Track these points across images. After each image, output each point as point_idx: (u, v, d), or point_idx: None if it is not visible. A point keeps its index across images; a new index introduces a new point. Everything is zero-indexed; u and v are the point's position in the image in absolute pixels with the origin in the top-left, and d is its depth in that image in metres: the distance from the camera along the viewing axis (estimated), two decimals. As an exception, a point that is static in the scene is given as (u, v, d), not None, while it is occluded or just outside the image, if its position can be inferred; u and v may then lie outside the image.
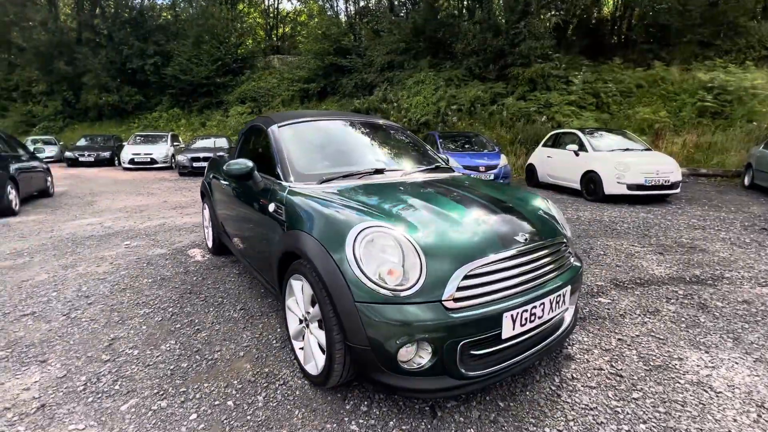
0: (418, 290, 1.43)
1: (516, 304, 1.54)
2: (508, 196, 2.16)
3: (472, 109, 13.63)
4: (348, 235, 1.52)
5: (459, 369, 1.47)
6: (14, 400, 1.73)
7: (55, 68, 18.69)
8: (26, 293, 2.92)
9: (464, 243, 1.57)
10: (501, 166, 8.07)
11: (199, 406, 1.67)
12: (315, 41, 18.66)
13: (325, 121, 2.78)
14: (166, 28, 20.84)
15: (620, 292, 2.89)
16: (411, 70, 15.92)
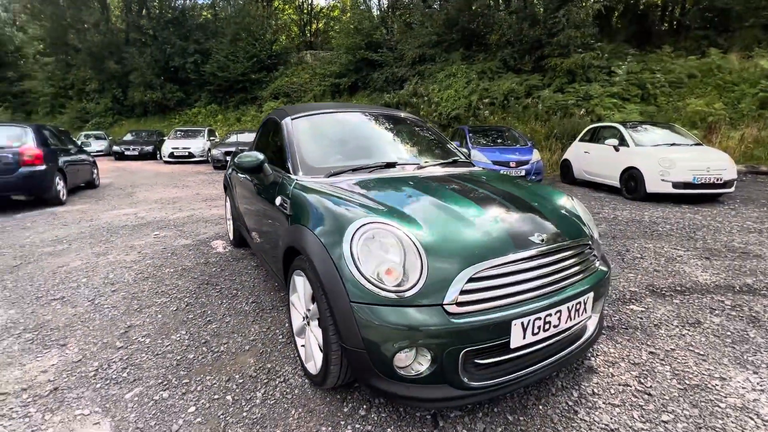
0: (417, 292, 1.34)
1: (528, 310, 1.41)
2: (527, 193, 2.00)
3: (505, 102, 13.16)
4: (346, 232, 1.44)
5: (461, 378, 1.37)
6: (31, 382, 1.80)
7: (106, 67, 19.93)
8: (60, 278, 3.08)
9: (471, 243, 1.45)
10: (533, 162, 7.71)
11: (198, 399, 1.66)
12: (347, 36, 18.68)
13: (340, 114, 2.71)
14: (205, 26, 21.62)
15: (656, 299, 2.64)
16: (442, 63, 15.59)
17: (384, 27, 18.81)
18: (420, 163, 2.30)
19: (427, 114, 14.04)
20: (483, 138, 8.90)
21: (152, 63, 19.61)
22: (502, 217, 1.62)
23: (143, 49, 19.77)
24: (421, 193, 1.78)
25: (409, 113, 3.04)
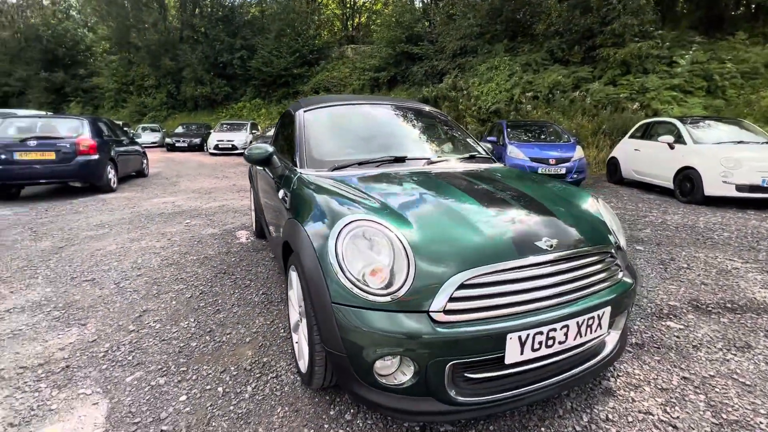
0: (401, 297, 1.24)
1: (527, 324, 1.27)
2: (545, 193, 1.82)
3: (550, 96, 12.46)
4: (333, 228, 1.37)
5: (447, 392, 1.26)
6: (48, 358, 1.91)
7: (162, 64, 21.28)
8: (95, 261, 3.29)
9: (466, 246, 1.33)
10: (575, 160, 7.22)
11: (191, 388, 1.68)
12: (387, 29, 18.56)
13: (356, 106, 2.64)
14: (252, 23, 22.38)
15: (700, 316, 2.34)
16: (484, 56, 15.04)
17: (426, 19, 18.48)
18: (431, 158, 2.18)
19: (465, 108, 13.65)
20: (522, 133, 8.47)
21: (203, 59, 20.65)
22: (506, 218, 1.48)
23: (195, 46, 20.86)
24: (421, 190, 1.67)
25: (429, 107, 2.90)
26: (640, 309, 2.44)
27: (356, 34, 24.43)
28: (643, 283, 2.84)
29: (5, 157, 5.74)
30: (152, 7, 21.91)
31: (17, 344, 2.04)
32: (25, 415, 1.53)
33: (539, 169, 7.17)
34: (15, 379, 1.76)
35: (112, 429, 1.46)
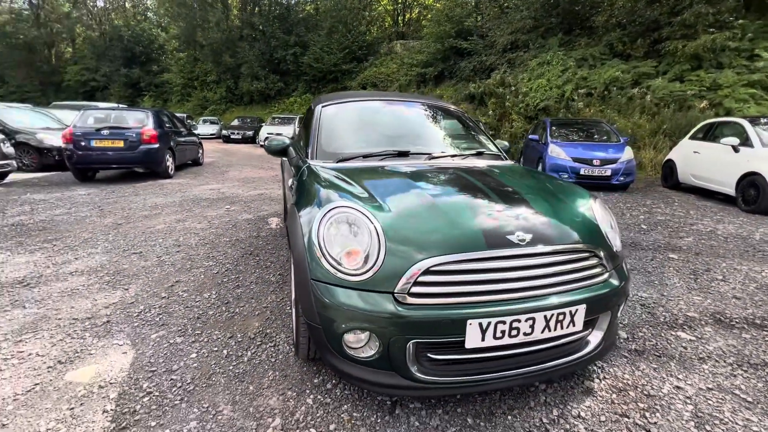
0: (370, 277, 1.36)
1: (489, 312, 1.33)
2: (538, 190, 1.84)
3: (605, 93, 11.72)
4: (318, 214, 1.52)
5: (409, 369, 1.36)
6: (95, 313, 2.27)
7: (223, 61, 22.80)
8: (144, 237, 3.73)
9: (436, 235, 1.41)
10: (622, 161, 6.81)
11: (201, 349, 1.92)
12: (437, 24, 18.38)
13: (373, 102, 2.77)
14: (307, 20, 23.20)
15: (719, 330, 2.20)
16: (537, 50, 14.43)
17: (477, 13, 18.05)
18: (433, 153, 2.24)
19: (512, 105, 13.23)
20: (567, 132, 8.11)
21: (259, 56, 21.82)
22: (483, 212, 1.53)
23: (253, 43, 22.09)
24: (410, 183, 1.77)
25: (448, 104, 2.94)
26: (651, 316, 2.34)
27: (407, 29, 24.42)
28: (663, 291, 2.70)
29: (84, 143, 6.57)
30: (216, 8, 23.48)
31: (73, 300, 2.42)
32: (71, 355, 1.86)
33: (581, 170, 6.85)
34: (68, 327, 2.11)
35: (133, 373, 1.73)
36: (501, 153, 2.62)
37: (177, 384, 1.66)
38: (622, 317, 2.32)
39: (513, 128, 12.57)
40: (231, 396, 1.59)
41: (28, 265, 2.98)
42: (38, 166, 7.99)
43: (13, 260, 3.08)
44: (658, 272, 3.06)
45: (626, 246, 3.71)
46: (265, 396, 1.60)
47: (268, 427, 1.43)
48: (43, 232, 3.86)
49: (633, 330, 2.19)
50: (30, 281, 2.69)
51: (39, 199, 5.40)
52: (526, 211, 1.59)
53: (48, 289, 2.58)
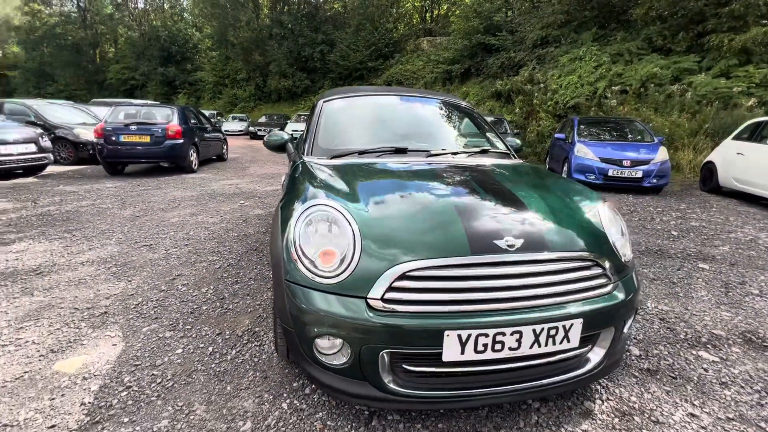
0: (343, 280, 1.28)
1: (468, 323, 1.22)
2: (540, 192, 1.70)
3: (642, 90, 11.08)
4: (296, 211, 1.45)
5: (382, 380, 1.27)
6: (95, 303, 2.31)
7: (252, 59, 23.35)
8: (158, 230, 3.82)
9: (417, 238, 1.31)
10: (656, 162, 6.39)
11: (188, 344, 1.91)
12: (465, 20, 17.99)
13: (376, 97, 2.68)
14: (335, 18, 23.34)
15: (748, 351, 1.97)
16: (569, 46, 13.84)
17: (506, 8, 17.53)
18: (433, 150, 2.13)
19: (540, 103, 12.76)
20: (596, 130, 7.70)
21: (287, 54, 22.17)
22: (472, 214, 1.42)
23: (282, 42, 22.46)
24: (400, 182, 1.68)
25: (456, 99, 2.81)
26: (670, 332, 2.13)
27: (434, 26, 24.10)
28: (687, 305, 2.46)
29: (114, 138, 6.85)
30: (248, 7, 24.04)
31: (78, 290, 2.49)
32: (63, 345, 1.89)
33: (610, 171, 6.48)
34: (67, 316, 2.16)
35: (117, 366, 1.73)
36: (510, 151, 2.48)
37: (157, 380, 1.64)
38: (635, 332, 2.13)
39: (540, 127, 12.12)
40: (207, 395, 1.56)
41: (45, 253, 3.11)
42: (74, 159, 8.42)
43: (33, 248, 3.22)
44: (684, 283, 2.81)
45: (651, 254, 3.45)
46: (241, 397, 1.56)
47: (238, 431, 1.38)
48: (66, 222, 4.03)
49: (648, 347, 2.00)
50: (43, 270, 2.79)
51: (69, 191, 5.67)
52: (521, 215, 1.46)
53: (58, 278, 2.66)
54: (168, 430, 1.39)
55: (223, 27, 24.01)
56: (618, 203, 5.69)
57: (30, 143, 6.62)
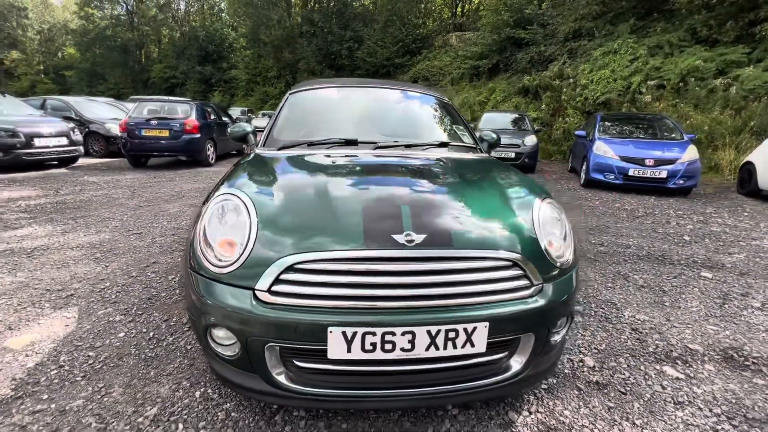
0: (234, 270, 1.25)
1: (353, 321, 1.16)
2: (474, 187, 1.60)
3: (681, 84, 10.30)
4: (209, 200, 1.45)
5: (270, 374, 1.23)
6: (66, 285, 2.43)
7: (283, 57, 23.87)
8: (153, 220, 3.98)
9: (313, 230, 1.26)
10: (682, 162, 5.92)
11: (133, 329, 1.96)
12: (494, 13, 17.46)
13: (342, 89, 2.64)
14: (364, 15, 23.38)
15: (722, 370, 1.76)
16: (602, 38, 13.09)
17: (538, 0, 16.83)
18: (382, 142, 2.05)
19: (568, 99, 12.18)
20: (620, 127, 7.24)
21: (316, 52, 22.47)
22: (377, 209, 1.34)
23: (311, 39, 22.79)
24: (320, 173, 1.62)
25: (428, 91, 2.71)
26: (639, 344, 1.95)
27: (464, 21, 23.59)
28: (671, 315, 2.25)
29: (136, 132, 7.23)
30: (280, 6, 24.60)
31: (58, 272, 2.63)
32: (22, 323, 2.00)
33: (630, 171, 6.07)
34: (37, 296, 2.29)
35: (60, 345, 1.81)
36: (476, 145, 2.36)
37: (89, 361, 1.70)
38: (597, 342, 1.96)
39: (567, 124, 11.56)
40: (129, 379, 1.59)
41: (44, 238, 3.32)
42: (105, 152, 8.98)
43: (36, 233, 3.45)
44: (676, 292, 2.56)
45: (650, 259, 3.18)
46: (159, 383, 1.57)
47: (142, 416, 1.40)
48: (76, 210, 4.28)
49: (606, 358, 1.83)
50: (35, 252, 2.98)
51: (91, 181, 6.04)
52: (437, 210, 1.37)
53: (45, 260, 2.83)
54: (79, 409, 1.43)
55: (256, 26, 24.73)
56: (636, 205, 5.32)
57: (62, 137, 7.12)
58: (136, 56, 32.64)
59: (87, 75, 33.31)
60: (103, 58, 31.66)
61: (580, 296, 2.47)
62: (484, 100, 16.13)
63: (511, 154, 8.26)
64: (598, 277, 2.79)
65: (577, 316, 2.22)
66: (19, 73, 35.39)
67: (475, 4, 23.76)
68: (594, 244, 3.54)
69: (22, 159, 6.58)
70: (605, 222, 4.35)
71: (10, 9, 36.58)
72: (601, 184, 6.47)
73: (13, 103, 7.62)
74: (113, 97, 21.39)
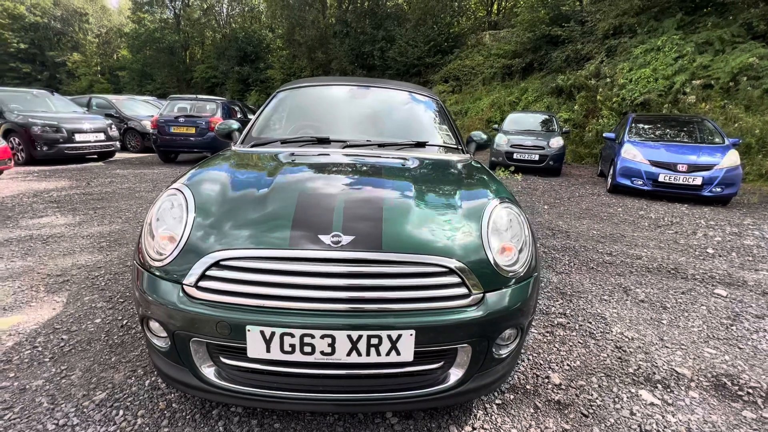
0: (167, 264, 1.27)
1: (272, 321, 1.14)
2: (429, 188, 1.55)
3: (731, 84, 9.50)
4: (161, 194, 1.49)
5: (197, 368, 1.25)
6: (66, 271, 2.59)
7: (316, 57, 24.29)
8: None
9: (243, 228, 1.26)
10: (720, 168, 5.44)
11: (109, 316, 2.05)
12: (530, 10, 16.88)
13: (328, 87, 2.63)
14: (398, 15, 23.36)
15: (707, 398, 1.59)
16: (645, 35, 12.32)
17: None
18: (353, 141, 2.02)
19: (603, 99, 11.54)
20: (653, 130, 6.76)
21: (348, 52, 22.69)
22: (310, 208, 1.32)
23: (344, 39, 23.05)
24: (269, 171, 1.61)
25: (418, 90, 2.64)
26: (618, 363, 1.80)
27: (500, 18, 22.99)
28: (665, 335, 2.06)
29: (166, 129, 7.61)
30: (315, 7, 25.08)
31: (63, 258, 2.81)
32: (15, 305, 2.15)
33: (660, 176, 5.65)
34: (37, 280, 2.45)
35: (41, 328, 1.92)
36: (460, 146, 2.27)
37: (61, 344, 1.79)
38: (572, 357, 1.83)
39: (600, 125, 10.95)
40: (90, 363, 1.67)
41: (62, 226, 3.56)
42: (140, 148, 9.53)
43: (57, 221, 3.71)
44: (679, 309, 2.35)
45: (661, 272, 2.94)
46: (117, 369, 1.64)
47: (89, 399, 1.46)
48: (99, 201, 4.57)
49: (576, 376, 1.71)
50: (50, 239, 3.20)
51: (121, 174, 6.43)
52: (374, 212, 1.32)
53: (56, 246, 3.04)
54: (37, 388, 1.51)
55: (291, 27, 25.35)
56: (662, 213, 4.95)
57: (100, 132, 7.63)
58: (182, 57, 34.43)
59: (138, 75, 35.54)
60: (152, 59, 33.66)
61: (566, 308, 2.32)
62: (515, 100, 15.64)
63: (535, 157, 7.94)
64: (594, 289, 2.61)
65: (559, 329, 2.09)
66: (79, 74, 38.36)
67: (511, 1, 23.12)
68: (600, 253, 3.32)
69: (64, 153, 7.12)
70: (621, 230, 4.07)
71: (74, 15, 39.76)
72: (629, 190, 6.07)
73: (61, 101, 8.26)
74: (159, 95, 22.68)
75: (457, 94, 19.24)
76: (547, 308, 2.32)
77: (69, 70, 38.91)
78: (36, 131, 6.81)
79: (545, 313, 2.25)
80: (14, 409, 1.40)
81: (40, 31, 37.50)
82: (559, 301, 2.43)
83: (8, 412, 1.38)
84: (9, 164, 5.70)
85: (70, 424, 1.34)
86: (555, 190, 6.37)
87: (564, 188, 6.55)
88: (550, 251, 3.34)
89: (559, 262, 3.10)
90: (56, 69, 39.02)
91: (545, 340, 1.98)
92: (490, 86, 17.79)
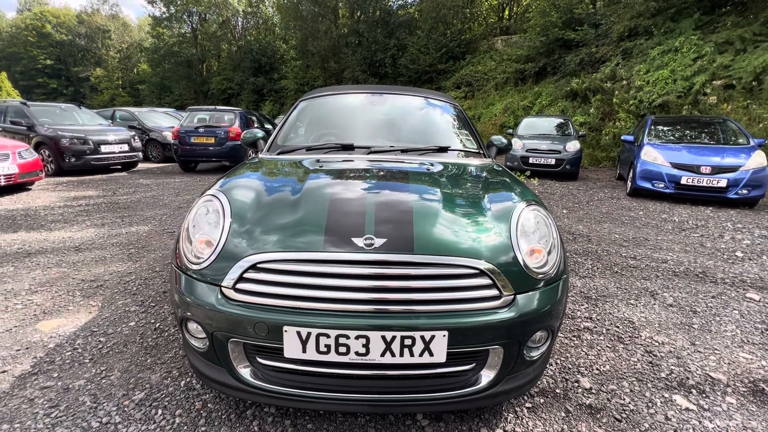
0: (206, 267, 1.32)
1: (308, 322, 1.17)
2: (456, 192, 1.57)
3: (754, 84, 9.27)
4: (197, 200, 1.55)
5: (234, 368, 1.29)
6: (98, 277, 2.68)
7: (329, 67, 24.67)
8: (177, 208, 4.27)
9: (278, 231, 1.30)
10: (746, 170, 5.30)
11: (142, 319, 2.12)
12: (542, 14, 16.83)
13: (350, 95, 2.68)
14: (409, 23, 23.59)
15: (745, 404, 1.55)
16: (661, 36, 12.14)
17: (590, 0, 16.00)
18: (377, 147, 2.06)
19: (620, 102, 11.38)
20: (673, 131, 6.64)
21: (361, 60, 22.99)
22: (342, 212, 1.36)
23: (356, 49, 23.38)
24: (307, 177, 1.65)
25: (436, 96, 2.67)
26: (650, 368, 1.77)
27: (512, 23, 22.98)
28: (697, 340, 2.02)
29: (186, 139, 7.83)
30: (328, 18, 25.54)
31: (95, 266, 2.92)
32: (54, 308, 2.24)
33: (683, 179, 5.53)
34: (72, 286, 2.55)
35: (80, 330, 2.00)
36: (481, 150, 2.29)
37: (99, 346, 1.86)
38: (602, 362, 1.81)
39: (617, 128, 10.79)
40: (128, 365, 1.73)
41: (92, 235, 3.69)
42: (162, 158, 9.80)
43: (87, 229, 3.85)
44: (710, 314, 2.30)
45: (689, 276, 2.88)
46: (153, 370, 1.69)
47: (129, 398, 1.51)
48: (125, 209, 4.73)
49: (607, 380, 1.68)
50: (82, 246, 3.32)
51: (144, 184, 6.63)
52: (405, 215, 1.35)
53: (88, 254, 3.15)
54: (80, 387, 1.57)
55: (304, 37, 25.86)
56: (686, 217, 4.84)
57: (124, 144, 7.90)
58: (198, 70, 35.41)
59: (157, 88, 36.69)
60: (170, 72, 34.72)
61: (592, 313, 2.29)
62: (529, 104, 15.56)
63: (551, 161, 7.87)
64: (619, 293, 2.57)
65: (586, 333, 2.07)
66: (102, 88, 39.81)
67: (522, 6, 23.10)
68: (624, 257, 3.27)
69: (91, 164, 7.38)
70: (644, 234, 3.99)
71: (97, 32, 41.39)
72: (650, 194, 5.96)
73: (87, 114, 8.59)
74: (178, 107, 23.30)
75: (469, 99, 19.22)
76: (573, 312, 2.30)
77: (92, 84, 40.41)
78: (65, 143, 7.10)
79: (571, 318, 2.23)
80: (60, 407, 1.46)
81: (65, 48, 39.12)
82: (584, 305, 2.40)
83: (54, 410, 1.44)
84: (40, 175, 5.94)
85: (112, 422, 1.39)
86: (573, 194, 6.29)
87: (582, 192, 6.46)
88: (572, 255, 3.30)
89: (582, 266, 3.07)
90: (80, 84, 40.59)
91: (572, 344, 1.96)
92: (503, 91, 17.74)
